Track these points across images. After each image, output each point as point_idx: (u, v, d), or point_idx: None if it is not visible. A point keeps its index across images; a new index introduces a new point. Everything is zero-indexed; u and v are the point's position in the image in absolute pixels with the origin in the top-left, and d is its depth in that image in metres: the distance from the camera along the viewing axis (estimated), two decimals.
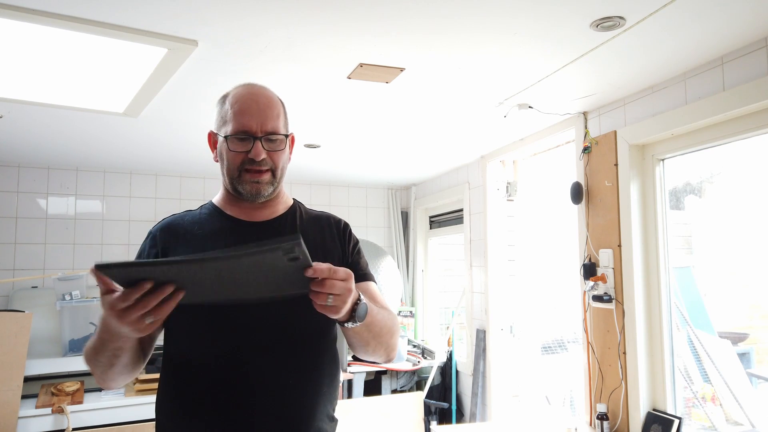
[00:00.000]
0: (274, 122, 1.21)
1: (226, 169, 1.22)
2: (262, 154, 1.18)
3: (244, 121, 1.18)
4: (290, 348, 1.16)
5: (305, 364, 1.18)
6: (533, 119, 2.76)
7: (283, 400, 1.14)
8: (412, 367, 3.90)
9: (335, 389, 1.26)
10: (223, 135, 1.21)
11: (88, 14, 1.63)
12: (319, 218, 1.35)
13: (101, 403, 2.84)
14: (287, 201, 1.33)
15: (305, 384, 1.17)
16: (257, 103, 1.20)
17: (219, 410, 1.12)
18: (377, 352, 1.20)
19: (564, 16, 1.68)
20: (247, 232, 1.24)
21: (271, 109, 1.21)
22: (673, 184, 2.47)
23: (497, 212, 3.52)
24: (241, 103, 1.20)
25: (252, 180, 1.19)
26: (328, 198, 4.66)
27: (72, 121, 2.72)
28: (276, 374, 1.14)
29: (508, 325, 3.46)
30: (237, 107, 1.20)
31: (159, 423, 1.21)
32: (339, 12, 1.64)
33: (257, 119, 1.18)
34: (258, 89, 1.24)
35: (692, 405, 2.49)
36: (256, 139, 1.18)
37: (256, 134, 1.18)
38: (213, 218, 1.26)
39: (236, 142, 1.18)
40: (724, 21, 1.71)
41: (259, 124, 1.18)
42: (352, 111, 2.62)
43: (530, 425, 2.82)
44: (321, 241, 1.29)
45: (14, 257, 3.67)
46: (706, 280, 2.84)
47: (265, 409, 1.13)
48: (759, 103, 1.85)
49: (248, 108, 1.19)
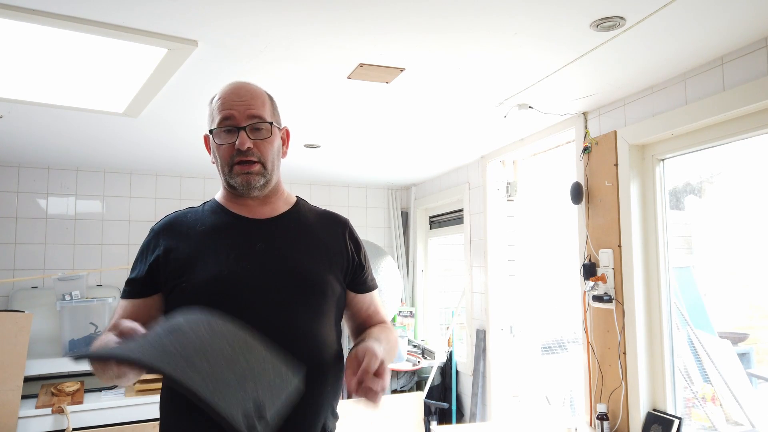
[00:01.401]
0: (257, 110, 1.21)
1: (220, 164, 1.23)
2: (247, 143, 1.18)
3: (226, 112, 1.19)
4: (293, 345, 1.16)
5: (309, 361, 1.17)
6: (533, 119, 2.76)
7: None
8: (412, 368, 3.90)
9: (339, 386, 1.27)
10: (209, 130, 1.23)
11: (88, 14, 1.63)
12: (324, 217, 1.35)
13: (101, 403, 2.84)
14: (290, 199, 1.34)
15: (309, 382, 1.17)
16: (239, 94, 1.22)
17: None
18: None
19: (564, 16, 1.68)
20: (248, 229, 1.24)
21: (254, 99, 1.22)
22: (673, 184, 2.47)
23: (497, 212, 3.52)
24: (224, 96, 1.22)
25: (242, 171, 1.20)
26: (328, 198, 4.66)
27: (72, 121, 2.71)
28: None
29: (508, 325, 3.46)
30: (221, 101, 1.21)
31: (163, 421, 1.21)
32: (339, 12, 1.64)
33: (239, 108, 1.19)
34: (242, 83, 1.25)
35: (692, 405, 2.49)
36: (240, 129, 1.19)
37: (240, 123, 1.19)
38: (215, 215, 1.26)
39: (222, 135, 1.20)
40: (724, 21, 1.71)
41: (241, 113, 1.19)
42: (352, 111, 2.62)
43: (530, 425, 2.82)
44: (328, 241, 1.29)
45: (14, 257, 3.67)
46: (706, 280, 2.84)
47: None
48: (759, 103, 1.85)
49: (230, 99, 1.21)
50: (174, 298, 1.17)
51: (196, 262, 1.16)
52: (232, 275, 1.16)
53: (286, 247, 1.24)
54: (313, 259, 1.24)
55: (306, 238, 1.27)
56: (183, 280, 1.15)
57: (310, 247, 1.26)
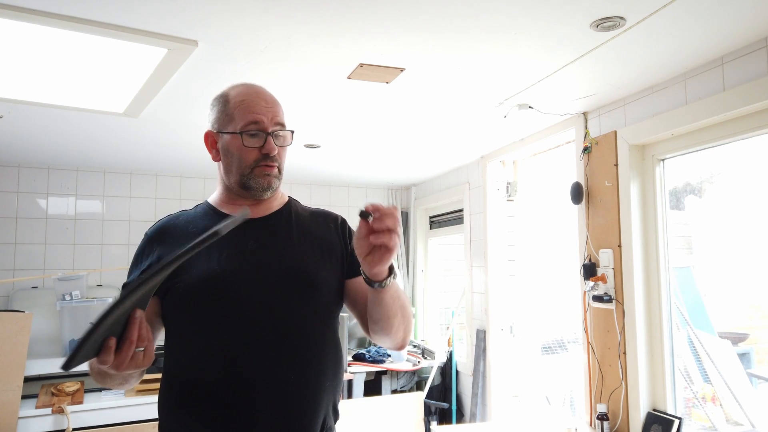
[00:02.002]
0: (281, 117, 1.24)
1: (237, 165, 1.22)
2: (276, 149, 1.20)
3: (255, 116, 1.20)
4: (290, 341, 1.16)
5: (306, 358, 1.17)
6: (533, 119, 2.76)
7: (285, 395, 1.14)
8: (412, 368, 3.90)
9: (339, 382, 1.26)
10: (231, 131, 1.21)
11: (88, 14, 1.63)
12: (316, 214, 1.36)
13: (101, 403, 2.84)
14: (282, 198, 1.34)
15: (306, 378, 1.16)
16: (264, 99, 1.23)
17: (221, 405, 1.12)
18: (400, 329, 1.21)
19: (564, 16, 1.67)
20: (240, 228, 1.23)
21: (277, 106, 1.25)
22: (673, 184, 2.47)
23: (497, 212, 3.52)
24: (249, 99, 1.22)
25: (265, 173, 1.21)
26: (328, 198, 4.66)
27: (72, 121, 2.71)
28: (276, 368, 1.14)
29: (508, 325, 3.46)
30: (245, 104, 1.21)
31: (162, 420, 1.21)
32: (339, 12, 1.64)
33: (266, 114, 1.21)
34: (260, 88, 1.27)
35: (692, 405, 2.49)
36: (267, 135, 1.20)
37: (267, 129, 1.20)
38: (207, 216, 1.27)
39: (249, 138, 1.20)
40: (724, 21, 1.71)
41: (269, 119, 1.21)
42: (352, 111, 2.62)
43: (530, 425, 2.82)
44: (321, 237, 1.29)
45: (14, 257, 3.67)
46: (706, 280, 2.84)
47: (267, 404, 1.12)
48: (759, 103, 1.85)
49: (257, 103, 1.21)
50: (169, 299, 1.17)
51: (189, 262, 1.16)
52: (225, 274, 1.16)
53: (279, 243, 1.24)
54: (306, 255, 1.24)
55: (298, 234, 1.27)
56: (177, 281, 1.15)
57: (302, 243, 1.26)
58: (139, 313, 0.97)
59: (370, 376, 3.90)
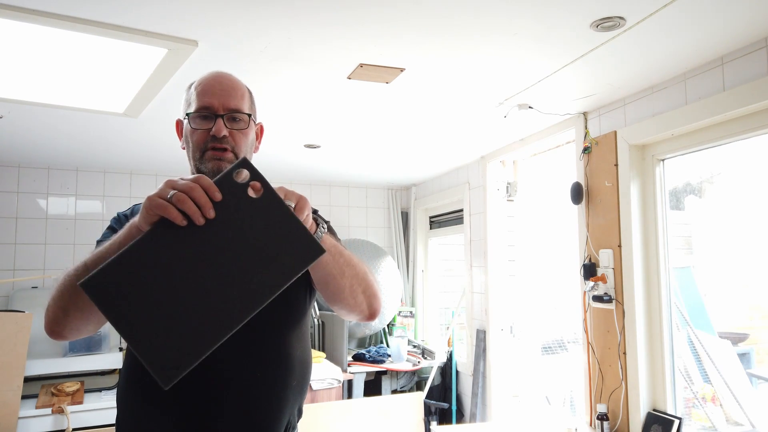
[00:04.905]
0: (237, 102, 1.22)
1: (192, 150, 1.21)
2: (223, 131, 1.18)
3: (206, 100, 1.20)
4: (257, 340, 1.15)
5: (273, 357, 1.16)
6: (533, 119, 2.76)
7: (250, 394, 1.13)
8: (412, 368, 3.90)
9: (305, 383, 1.24)
10: (185, 114, 1.22)
11: (88, 14, 1.63)
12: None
13: (101, 404, 2.84)
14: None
15: (273, 377, 1.15)
16: (220, 83, 1.22)
17: (184, 402, 1.10)
18: (355, 291, 1.13)
19: (564, 17, 1.68)
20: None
21: (234, 90, 1.23)
22: (673, 184, 2.47)
23: (497, 212, 3.52)
24: (204, 84, 1.22)
25: (214, 157, 1.19)
26: (328, 198, 4.65)
27: (72, 121, 2.71)
28: (242, 367, 1.13)
29: (508, 326, 3.46)
30: (200, 88, 1.22)
31: (120, 414, 1.18)
32: (339, 12, 1.64)
33: (219, 98, 1.20)
34: (223, 73, 1.26)
35: (692, 405, 2.49)
36: (218, 117, 1.19)
37: (218, 111, 1.19)
38: None
39: (198, 120, 1.20)
40: (724, 21, 1.71)
41: (221, 103, 1.20)
42: (352, 111, 2.62)
43: (530, 425, 2.82)
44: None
45: (14, 257, 3.67)
46: (706, 280, 2.84)
47: (231, 403, 1.11)
48: (759, 104, 1.85)
49: (211, 88, 1.21)
50: None
51: None
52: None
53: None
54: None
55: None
56: None
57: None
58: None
59: (370, 376, 3.90)
